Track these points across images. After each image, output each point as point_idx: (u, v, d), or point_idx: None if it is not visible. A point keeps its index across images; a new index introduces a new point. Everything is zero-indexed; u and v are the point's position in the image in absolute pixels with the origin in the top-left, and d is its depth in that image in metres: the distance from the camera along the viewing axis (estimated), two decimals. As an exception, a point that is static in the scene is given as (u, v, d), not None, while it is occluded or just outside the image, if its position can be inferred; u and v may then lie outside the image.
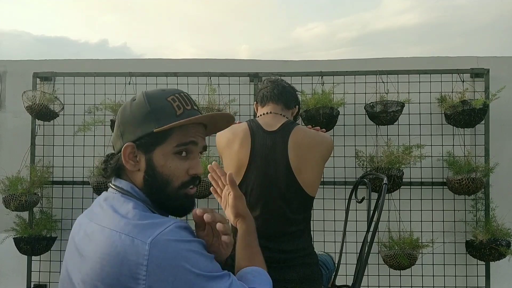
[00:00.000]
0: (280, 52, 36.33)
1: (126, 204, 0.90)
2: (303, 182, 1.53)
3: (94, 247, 0.84)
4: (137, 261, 0.79)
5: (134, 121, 0.93)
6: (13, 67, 3.12)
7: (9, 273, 3.03)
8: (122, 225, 0.84)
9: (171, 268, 0.80)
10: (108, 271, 0.81)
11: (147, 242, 0.80)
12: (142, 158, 0.93)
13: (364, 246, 1.51)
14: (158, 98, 0.93)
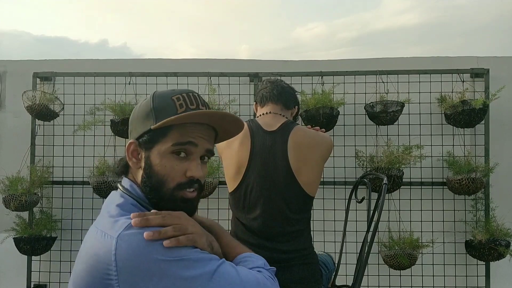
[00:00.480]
0: (280, 52, 36.41)
1: (117, 201, 0.90)
2: (302, 182, 1.54)
3: (82, 247, 0.86)
4: (107, 256, 0.78)
5: (138, 119, 0.94)
6: (13, 67, 3.12)
7: (9, 273, 3.03)
8: (101, 222, 0.85)
9: (140, 260, 0.76)
10: (86, 268, 0.81)
11: (114, 236, 0.78)
12: (143, 156, 0.92)
13: (364, 246, 1.51)
14: (164, 97, 0.92)
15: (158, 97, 0.93)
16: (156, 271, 0.76)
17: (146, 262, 0.76)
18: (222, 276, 0.80)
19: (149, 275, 0.76)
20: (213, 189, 2.71)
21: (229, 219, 1.75)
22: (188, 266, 0.78)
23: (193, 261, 0.79)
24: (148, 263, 0.76)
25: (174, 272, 0.77)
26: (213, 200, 2.82)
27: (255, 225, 1.55)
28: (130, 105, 2.82)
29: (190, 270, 0.78)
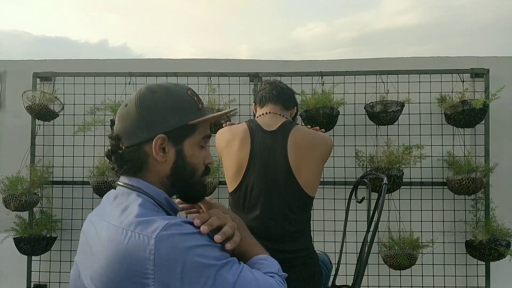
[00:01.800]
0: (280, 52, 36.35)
1: (134, 201, 0.90)
2: (302, 182, 1.54)
3: (102, 245, 0.85)
4: (144, 256, 0.80)
5: (164, 112, 0.93)
6: (13, 67, 3.12)
7: (9, 273, 3.03)
8: (127, 222, 0.84)
9: (178, 260, 0.80)
10: (117, 269, 0.81)
11: (152, 236, 0.80)
12: (171, 150, 0.94)
13: (364, 246, 1.51)
14: (181, 91, 0.96)
15: (175, 92, 0.95)
16: (192, 273, 0.80)
17: (183, 260, 0.80)
18: (244, 280, 0.85)
19: (186, 276, 0.80)
20: (213, 189, 2.71)
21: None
22: (217, 267, 0.83)
23: (222, 265, 0.84)
24: (185, 262, 0.80)
25: (209, 274, 0.81)
26: (213, 200, 2.81)
27: (255, 225, 1.55)
28: (130, 105, 2.82)
29: (218, 271, 0.82)
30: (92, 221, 0.94)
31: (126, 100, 0.98)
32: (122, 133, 0.95)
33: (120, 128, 0.95)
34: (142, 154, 0.93)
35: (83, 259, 0.91)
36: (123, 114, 0.95)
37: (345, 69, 2.87)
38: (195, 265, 0.80)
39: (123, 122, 0.95)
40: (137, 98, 0.94)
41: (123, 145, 0.95)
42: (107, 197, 0.97)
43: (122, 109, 0.96)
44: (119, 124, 0.96)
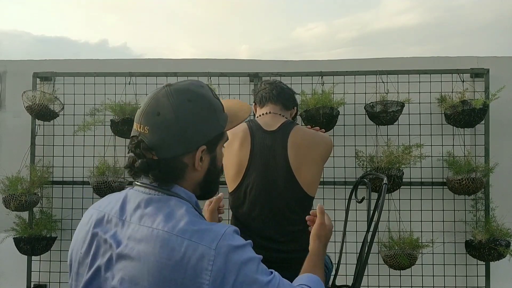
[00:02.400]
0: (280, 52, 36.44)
1: (179, 208, 0.89)
2: (302, 182, 1.54)
3: (148, 250, 0.83)
4: (202, 266, 0.80)
5: (203, 124, 0.92)
6: (13, 67, 3.12)
7: (9, 273, 3.03)
8: (180, 230, 0.84)
9: (232, 272, 0.82)
10: (168, 275, 0.81)
11: (212, 247, 0.82)
12: (206, 158, 0.95)
13: (364, 246, 1.51)
14: (209, 95, 0.97)
15: (208, 98, 0.95)
16: (241, 283, 0.83)
17: (237, 272, 0.83)
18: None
19: (234, 284, 0.82)
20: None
21: (229, 219, 1.75)
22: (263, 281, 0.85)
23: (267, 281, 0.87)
24: (238, 274, 0.83)
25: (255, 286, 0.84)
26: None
27: (255, 225, 1.55)
28: (130, 105, 2.82)
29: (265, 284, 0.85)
30: (110, 222, 0.91)
31: (152, 106, 0.91)
32: (158, 145, 0.89)
33: (156, 140, 0.89)
34: (180, 165, 0.91)
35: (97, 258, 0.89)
36: (157, 124, 0.89)
37: (345, 69, 2.87)
38: (246, 278, 0.83)
39: (159, 134, 0.89)
40: (173, 107, 0.89)
41: (156, 156, 0.90)
42: (131, 198, 0.93)
43: (155, 119, 0.89)
44: (153, 136, 0.89)
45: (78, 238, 0.95)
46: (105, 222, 0.92)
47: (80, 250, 0.93)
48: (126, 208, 0.92)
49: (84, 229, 0.95)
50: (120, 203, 0.93)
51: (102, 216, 0.93)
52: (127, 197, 0.94)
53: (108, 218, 0.92)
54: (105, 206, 0.95)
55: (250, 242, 0.91)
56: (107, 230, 0.91)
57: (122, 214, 0.91)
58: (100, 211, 0.95)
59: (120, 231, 0.89)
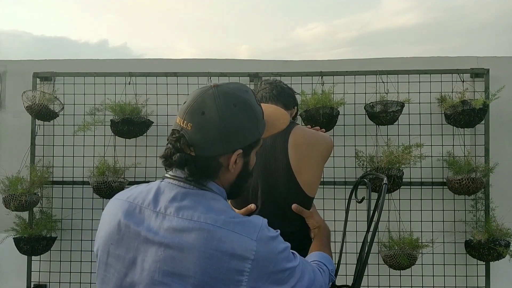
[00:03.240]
0: (280, 52, 36.47)
1: (215, 201, 0.94)
2: (302, 182, 1.53)
3: (192, 242, 0.86)
4: (244, 255, 0.86)
5: (245, 129, 0.95)
6: (13, 67, 3.12)
7: (9, 273, 3.03)
8: (223, 222, 0.88)
9: (270, 261, 0.89)
10: (214, 265, 0.85)
11: (254, 238, 0.88)
12: (240, 161, 0.99)
13: (364, 246, 1.51)
14: (253, 102, 0.99)
15: (252, 106, 0.98)
16: (277, 273, 0.91)
17: (273, 262, 0.90)
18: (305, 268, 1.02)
19: (272, 275, 0.90)
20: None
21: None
22: (293, 267, 0.94)
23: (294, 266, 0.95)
24: (275, 263, 0.90)
25: (288, 280, 0.92)
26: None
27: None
28: (130, 105, 2.82)
29: (294, 271, 0.94)
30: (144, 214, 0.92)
31: (199, 104, 0.94)
32: (199, 143, 0.92)
33: (197, 138, 0.92)
34: (215, 164, 0.95)
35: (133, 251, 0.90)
36: (201, 123, 0.92)
37: (345, 69, 2.87)
38: (281, 266, 0.91)
39: (202, 133, 0.92)
40: (218, 110, 0.92)
41: (195, 153, 0.93)
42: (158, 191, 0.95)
43: (199, 117, 0.92)
44: (195, 134, 0.92)
45: (106, 228, 0.95)
46: (137, 214, 0.93)
47: (110, 240, 0.93)
48: (160, 199, 0.93)
49: (113, 220, 0.95)
50: (152, 195, 0.95)
51: (133, 207, 0.94)
52: (160, 189, 0.96)
53: (140, 209, 0.93)
54: (135, 197, 0.96)
55: (279, 231, 0.99)
56: (139, 222, 0.92)
57: (156, 206, 0.93)
58: (129, 202, 0.95)
59: (155, 222, 0.90)
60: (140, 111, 2.83)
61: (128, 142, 2.93)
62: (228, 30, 37.13)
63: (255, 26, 37.45)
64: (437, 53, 3.87)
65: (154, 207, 0.92)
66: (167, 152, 0.96)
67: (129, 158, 2.93)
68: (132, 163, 2.91)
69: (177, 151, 0.94)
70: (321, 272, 1.09)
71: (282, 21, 33.59)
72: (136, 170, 2.93)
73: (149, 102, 2.89)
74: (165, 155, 0.96)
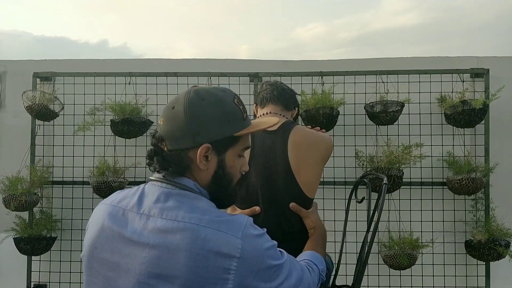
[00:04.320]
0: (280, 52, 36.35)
1: (198, 201, 0.94)
2: (301, 182, 1.53)
3: (177, 242, 0.86)
4: (230, 253, 0.86)
5: (211, 123, 0.94)
6: (13, 67, 3.12)
7: (9, 273, 3.03)
8: (207, 221, 0.88)
9: (257, 259, 0.90)
10: (201, 264, 0.85)
11: (239, 236, 0.88)
12: (213, 159, 0.96)
13: (364, 246, 1.51)
14: (228, 100, 0.97)
15: (224, 101, 0.96)
16: (264, 271, 0.91)
17: (260, 259, 0.91)
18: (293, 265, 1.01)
19: (259, 272, 0.90)
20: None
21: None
22: (278, 265, 0.95)
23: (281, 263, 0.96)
24: (261, 261, 0.91)
25: (276, 277, 0.93)
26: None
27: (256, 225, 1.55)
28: (130, 105, 2.82)
29: (280, 268, 0.95)
30: (126, 217, 0.92)
31: (172, 101, 0.98)
32: (167, 136, 0.95)
33: (166, 131, 0.95)
34: (185, 159, 0.95)
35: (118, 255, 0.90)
36: (169, 116, 0.95)
37: (345, 69, 2.87)
38: (267, 264, 0.91)
39: (169, 125, 0.95)
40: (186, 103, 0.94)
41: (166, 147, 0.96)
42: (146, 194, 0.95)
43: (169, 111, 0.96)
44: (164, 127, 0.96)
45: (92, 233, 0.97)
46: (120, 216, 0.94)
47: (94, 245, 0.94)
48: (144, 201, 0.94)
49: (98, 224, 0.96)
50: (137, 198, 0.95)
51: (117, 210, 0.95)
52: (144, 192, 0.96)
53: (123, 212, 0.94)
54: (119, 201, 0.97)
55: (265, 229, 0.98)
56: (123, 225, 0.92)
57: (140, 208, 0.93)
58: (113, 206, 0.96)
59: (138, 224, 0.91)
60: (140, 111, 2.83)
61: (128, 142, 2.93)
62: (228, 30, 37.08)
63: (255, 26, 37.39)
64: (437, 53, 3.87)
65: (138, 209, 0.93)
66: (147, 153, 0.99)
67: (129, 158, 2.93)
68: (132, 163, 2.91)
69: (154, 147, 0.97)
70: (309, 270, 1.09)
71: (282, 21, 33.56)
72: (136, 170, 2.93)
73: (149, 102, 2.89)
74: (147, 155, 0.99)
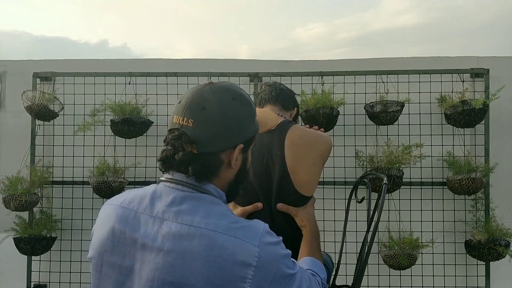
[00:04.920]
0: (280, 52, 36.38)
1: (214, 205, 0.91)
2: (297, 181, 1.53)
3: (193, 249, 0.83)
4: (247, 262, 0.84)
5: (244, 123, 0.94)
6: (13, 67, 3.12)
7: (9, 273, 3.03)
8: (224, 228, 0.86)
9: (273, 267, 0.87)
10: (217, 272, 0.82)
11: (256, 244, 0.86)
12: (239, 157, 0.97)
13: (364, 246, 1.51)
14: (249, 99, 0.99)
15: (248, 100, 0.98)
16: (279, 280, 0.89)
17: (276, 268, 0.88)
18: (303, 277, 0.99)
19: (274, 281, 0.88)
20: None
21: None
22: (293, 273, 0.92)
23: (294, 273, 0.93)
24: (276, 269, 0.88)
25: (289, 281, 0.91)
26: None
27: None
28: (130, 105, 2.82)
29: (294, 277, 0.92)
30: (139, 220, 0.89)
31: (198, 100, 0.91)
32: (201, 139, 0.89)
33: (200, 134, 0.89)
34: (217, 161, 0.92)
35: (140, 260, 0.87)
36: (202, 118, 0.90)
37: (345, 69, 2.87)
38: (282, 272, 0.89)
39: (203, 128, 0.89)
40: (219, 103, 0.90)
41: (197, 150, 0.90)
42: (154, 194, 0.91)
43: (200, 112, 0.90)
44: (198, 129, 0.89)
45: (100, 235, 0.92)
46: (132, 219, 0.90)
47: (104, 248, 0.90)
48: (156, 204, 0.90)
49: (107, 226, 0.91)
50: (148, 199, 0.91)
51: (128, 213, 0.91)
52: (157, 193, 0.92)
53: (135, 214, 0.90)
54: (129, 202, 0.92)
55: (281, 238, 0.96)
56: (135, 228, 0.88)
57: (153, 210, 0.89)
58: (123, 208, 0.92)
59: (152, 228, 0.87)
60: (140, 111, 2.83)
61: (128, 142, 2.93)
62: (228, 30, 37.14)
63: (255, 26, 37.47)
64: (437, 53, 3.87)
65: (151, 212, 0.89)
66: (166, 154, 0.91)
67: (129, 158, 2.93)
68: (132, 163, 2.91)
69: (178, 150, 0.90)
70: (316, 284, 1.07)
71: (282, 21, 33.60)
72: (136, 170, 2.93)
73: (149, 102, 2.89)
74: (163, 157, 0.92)
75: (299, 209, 1.48)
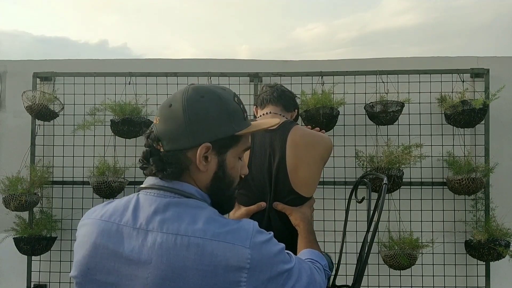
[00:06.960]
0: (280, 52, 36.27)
1: (200, 209, 0.87)
2: (296, 181, 1.53)
3: (181, 259, 0.80)
4: (240, 265, 0.82)
5: (211, 121, 0.89)
6: (13, 67, 3.12)
7: (9, 273, 3.03)
8: (213, 233, 0.83)
9: (267, 266, 0.86)
10: (210, 281, 0.80)
11: (247, 246, 0.84)
12: (213, 160, 0.91)
13: (364, 246, 1.51)
14: (228, 98, 0.93)
15: (225, 98, 0.92)
16: (276, 277, 0.87)
17: (270, 267, 0.86)
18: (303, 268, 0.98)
19: (271, 279, 0.86)
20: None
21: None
22: (289, 268, 0.91)
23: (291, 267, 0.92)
24: (271, 269, 0.87)
25: (287, 282, 0.89)
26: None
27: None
28: (130, 105, 2.82)
29: (291, 272, 0.91)
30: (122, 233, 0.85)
31: (169, 99, 0.93)
32: (164, 136, 0.89)
33: (163, 131, 0.89)
34: (184, 159, 0.89)
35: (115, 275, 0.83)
36: (167, 115, 0.90)
37: (345, 69, 2.87)
38: (278, 270, 0.87)
39: (166, 124, 0.89)
40: (184, 101, 0.89)
41: (163, 148, 0.89)
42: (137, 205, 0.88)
43: (166, 110, 0.91)
44: (161, 126, 0.90)
45: (83, 252, 0.87)
46: (114, 233, 0.85)
47: (87, 265, 0.86)
48: (139, 215, 0.86)
49: (88, 242, 0.87)
50: (130, 210, 0.87)
51: (109, 226, 0.86)
52: (138, 203, 0.88)
53: (117, 228, 0.86)
54: (110, 215, 0.88)
55: (272, 233, 0.94)
56: (119, 242, 0.84)
57: (136, 222, 0.85)
58: (105, 221, 0.88)
59: (136, 241, 0.83)
60: (140, 111, 2.83)
61: (128, 142, 2.93)
62: (228, 30, 37.10)
63: (255, 26, 37.41)
64: (437, 53, 3.87)
65: (134, 224, 0.85)
66: (143, 155, 0.93)
67: (129, 158, 2.93)
68: (132, 163, 2.91)
69: (149, 148, 0.91)
70: (317, 270, 1.06)
71: (282, 21, 33.57)
72: (136, 170, 2.93)
73: (149, 102, 2.89)
74: (141, 158, 0.94)
75: (294, 208, 1.49)
